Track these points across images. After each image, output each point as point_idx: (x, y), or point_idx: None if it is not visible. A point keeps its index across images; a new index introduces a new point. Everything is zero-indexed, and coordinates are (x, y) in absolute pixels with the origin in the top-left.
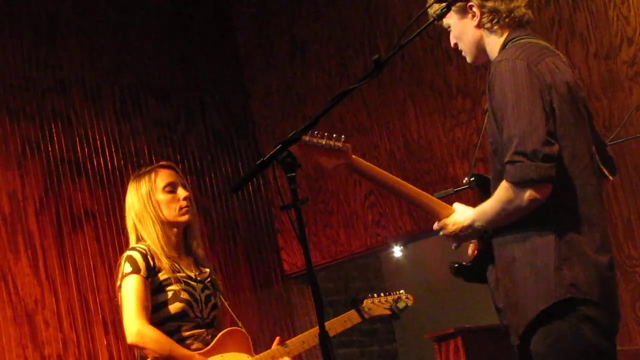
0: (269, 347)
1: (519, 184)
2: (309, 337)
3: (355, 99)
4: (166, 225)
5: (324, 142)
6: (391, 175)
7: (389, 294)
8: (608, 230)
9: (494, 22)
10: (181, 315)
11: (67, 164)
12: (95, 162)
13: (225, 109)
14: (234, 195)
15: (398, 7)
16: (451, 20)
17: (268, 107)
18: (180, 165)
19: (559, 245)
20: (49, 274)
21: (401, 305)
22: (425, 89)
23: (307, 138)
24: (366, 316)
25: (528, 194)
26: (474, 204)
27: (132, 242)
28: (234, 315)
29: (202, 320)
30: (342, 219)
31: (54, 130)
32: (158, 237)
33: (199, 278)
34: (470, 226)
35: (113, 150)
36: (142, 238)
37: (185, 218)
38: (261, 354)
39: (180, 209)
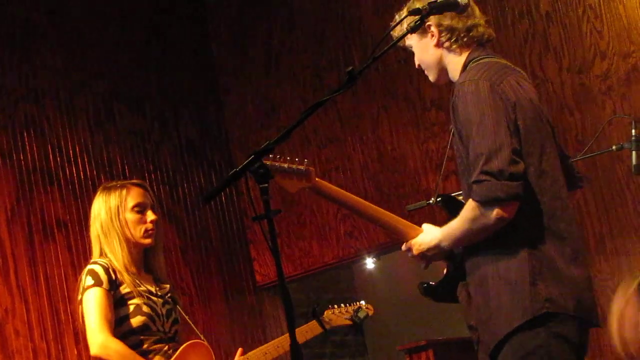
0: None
1: (486, 203)
2: (270, 348)
3: (329, 110)
4: (130, 243)
5: (286, 166)
6: (356, 197)
7: (350, 305)
8: (581, 242)
9: (452, 40)
10: (143, 328)
11: (40, 173)
12: (67, 171)
13: (199, 119)
14: (207, 206)
15: (373, 19)
16: (412, 41)
17: (242, 118)
18: (153, 175)
19: (531, 261)
20: (19, 283)
21: (362, 314)
22: (400, 101)
23: (269, 162)
24: (327, 327)
25: (495, 212)
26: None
27: (95, 254)
28: (195, 328)
29: (164, 334)
30: (315, 230)
31: (26, 139)
32: (122, 254)
33: (159, 293)
34: (437, 246)
35: (86, 159)
36: (105, 252)
37: (148, 241)
38: None
39: (146, 231)
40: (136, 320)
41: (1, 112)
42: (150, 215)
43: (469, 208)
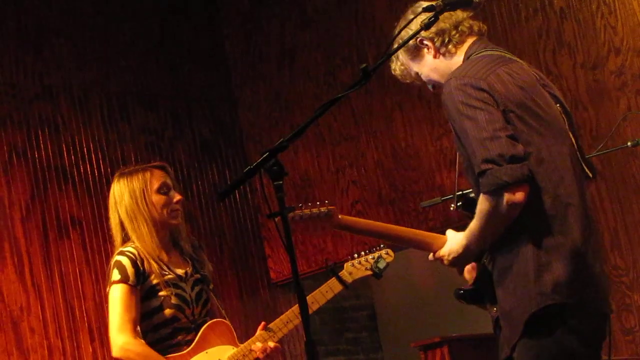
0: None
1: (494, 192)
2: (291, 315)
3: (343, 107)
4: (157, 225)
5: (309, 212)
6: (379, 223)
7: (368, 253)
8: (594, 227)
9: (446, 43)
10: (172, 320)
11: (54, 170)
12: (82, 169)
13: (213, 117)
14: (221, 203)
15: (386, 16)
16: (414, 69)
17: (256, 115)
18: None
19: (537, 253)
20: (34, 281)
21: (381, 264)
22: (413, 97)
23: (292, 215)
24: (348, 281)
25: (506, 199)
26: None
27: (118, 243)
28: (220, 307)
29: (194, 322)
30: None
31: (40, 137)
32: (150, 237)
33: (188, 274)
34: (465, 251)
35: (100, 157)
36: (130, 238)
37: (176, 221)
38: (246, 342)
39: (173, 211)
40: (165, 313)
41: (16, 110)
42: (175, 196)
43: (480, 202)
